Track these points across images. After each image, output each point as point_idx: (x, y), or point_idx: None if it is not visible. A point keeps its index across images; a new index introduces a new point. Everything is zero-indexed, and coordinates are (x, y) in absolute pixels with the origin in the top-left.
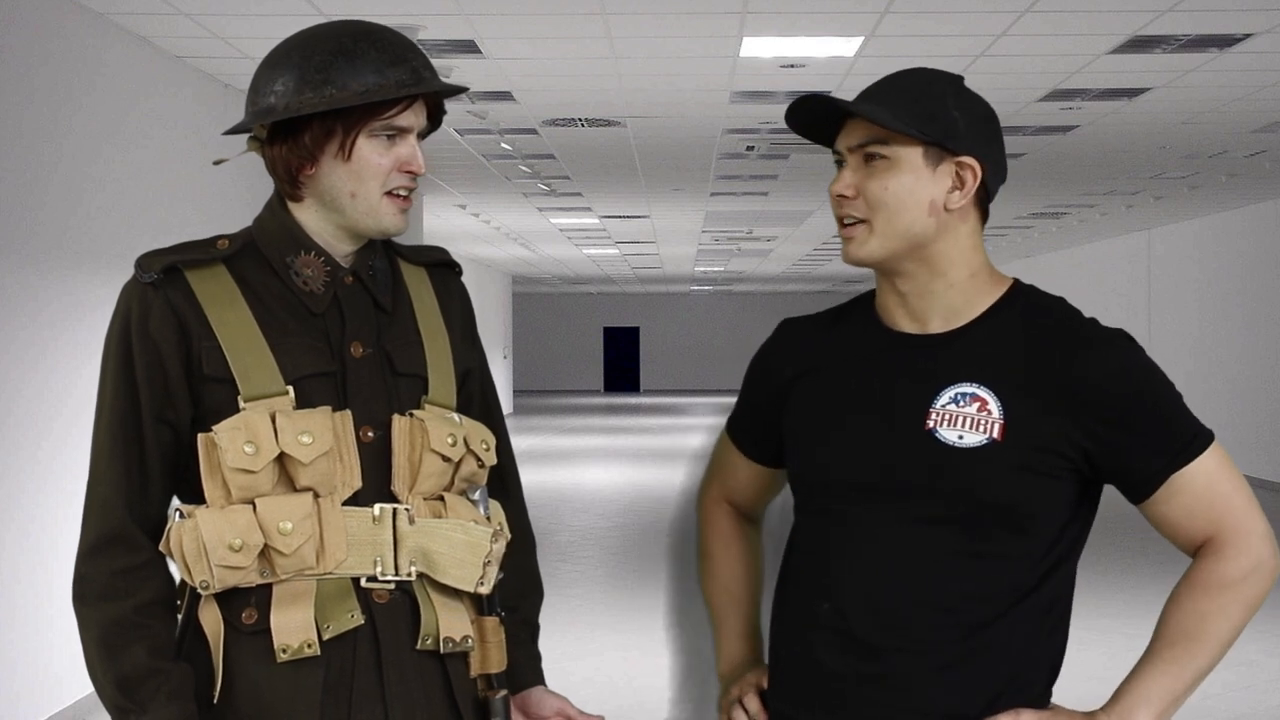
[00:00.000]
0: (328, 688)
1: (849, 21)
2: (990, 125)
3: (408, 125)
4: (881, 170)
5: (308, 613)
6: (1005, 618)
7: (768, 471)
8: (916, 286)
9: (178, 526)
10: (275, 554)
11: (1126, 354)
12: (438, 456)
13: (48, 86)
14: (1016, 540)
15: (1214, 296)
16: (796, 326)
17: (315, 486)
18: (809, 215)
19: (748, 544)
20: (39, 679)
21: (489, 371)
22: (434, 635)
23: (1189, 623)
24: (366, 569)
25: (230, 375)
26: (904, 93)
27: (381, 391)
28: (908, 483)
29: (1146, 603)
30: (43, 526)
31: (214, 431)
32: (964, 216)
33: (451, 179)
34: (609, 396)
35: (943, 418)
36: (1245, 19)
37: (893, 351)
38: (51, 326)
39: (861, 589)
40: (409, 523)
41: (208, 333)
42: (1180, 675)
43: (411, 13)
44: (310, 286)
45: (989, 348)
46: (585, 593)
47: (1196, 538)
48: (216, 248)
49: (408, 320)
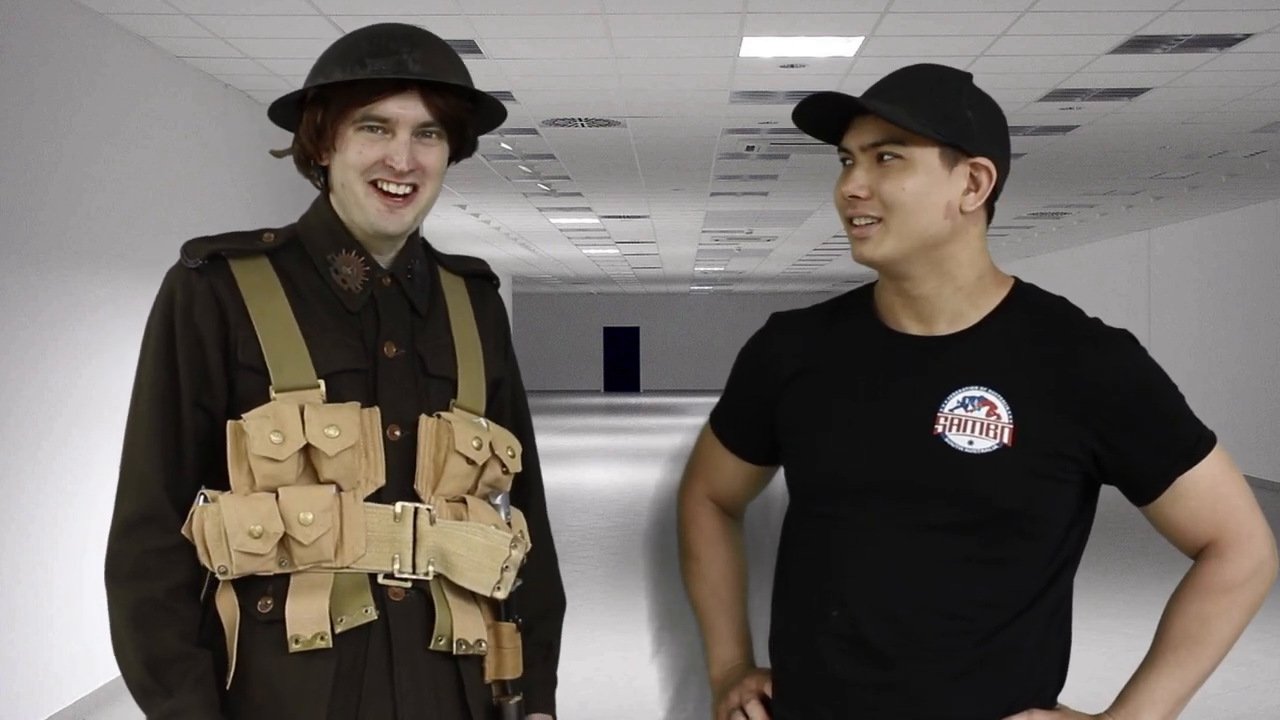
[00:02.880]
0: (338, 681)
1: (849, 21)
2: (1001, 125)
3: (390, 116)
4: (896, 170)
5: (323, 604)
6: (1017, 622)
7: (755, 469)
8: (925, 289)
9: (200, 510)
10: (294, 544)
11: (1131, 355)
12: (462, 458)
13: (48, 86)
14: (1026, 544)
15: (1214, 296)
16: (790, 321)
17: (339, 480)
18: (809, 215)
19: (732, 544)
20: (39, 679)
21: (521, 384)
22: (447, 636)
23: (1192, 625)
24: (384, 565)
25: (264, 365)
26: (918, 91)
27: (411, 392)
28: (917, 488)
29: (1146, 602)
30: (43, 526)
31: (243, 419)
32: (976, 218)
33: (451, 179)
34: (609, 396)
35: (952, 422)
36: (1245, 19)
37: (897, 352)
38: (51, 326)
39: (872, 596)
40: (430, 523)
41: (246, 322)
42: (1184, 677)
43: (411, 13)
44: (348, 285)
45: (995, 350)
46: (585, 593)
47: (1199, 540)
48: (262, 240)
49: (442, 325)
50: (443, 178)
